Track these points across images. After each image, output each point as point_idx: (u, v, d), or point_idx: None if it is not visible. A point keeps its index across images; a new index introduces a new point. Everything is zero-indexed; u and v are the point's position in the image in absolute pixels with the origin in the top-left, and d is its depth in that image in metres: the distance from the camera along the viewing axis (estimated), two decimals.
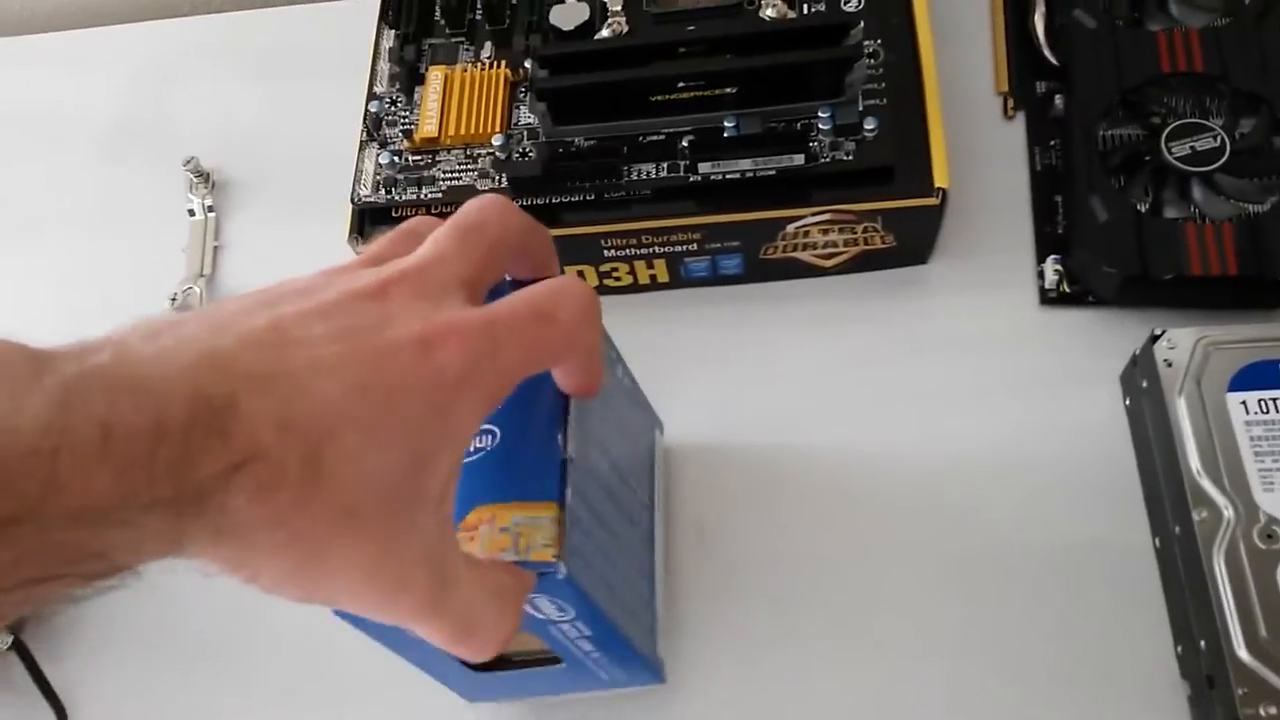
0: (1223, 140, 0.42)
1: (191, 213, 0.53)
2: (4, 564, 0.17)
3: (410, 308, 0.23)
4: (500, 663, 0.36)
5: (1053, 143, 0.47)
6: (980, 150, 0.47)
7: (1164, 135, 0.43)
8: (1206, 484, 0.35)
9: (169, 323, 0.21)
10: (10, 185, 0.57)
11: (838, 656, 0.39)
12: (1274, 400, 0.36)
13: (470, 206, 0.26)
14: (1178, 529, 0.36)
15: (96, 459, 0.18)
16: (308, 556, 0.21)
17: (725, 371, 0.45)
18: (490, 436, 0.30)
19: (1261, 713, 0.32)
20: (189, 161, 0.53)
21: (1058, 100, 0.47)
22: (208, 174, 0.53)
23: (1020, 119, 0.48)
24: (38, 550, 0.18)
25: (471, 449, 0.30)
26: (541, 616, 0.31)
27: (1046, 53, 0.48)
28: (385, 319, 0.22)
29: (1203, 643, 0.34)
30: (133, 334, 0.21)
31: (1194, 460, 0.36)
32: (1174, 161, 0.42)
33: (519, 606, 0.27)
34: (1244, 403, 0.37)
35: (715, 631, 0.40)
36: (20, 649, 0.42)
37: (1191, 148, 0.42)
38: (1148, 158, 0.43)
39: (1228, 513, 0.35)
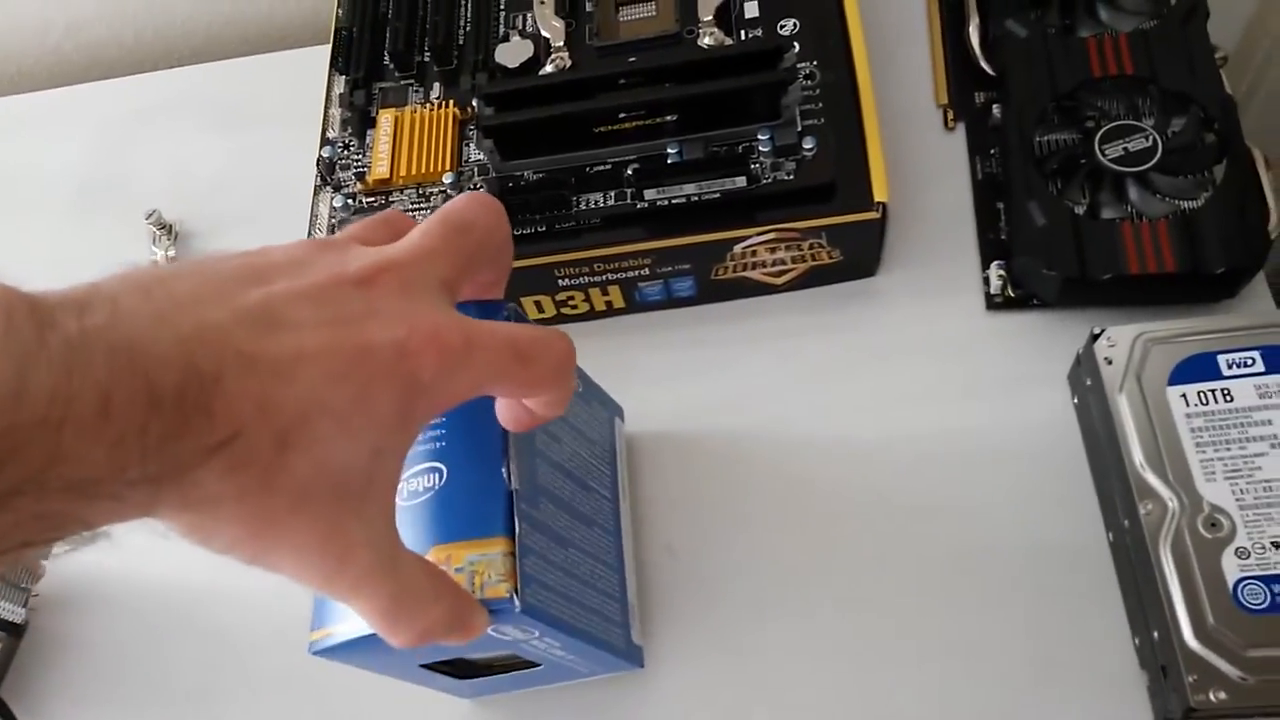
0: (1155, 140, 0.43)
1: (156, 265, 0.53)
2: (4, 528, 0.19)
3: (393, 304, 0.24)
4: (481, 670, 0.37)
5: (993, 151, 0.48)
6: (923, 162, 0.49)
7: (1098, 138, 0.44)
8: (1150, 477, 0.36)
9: (159, 277, 0.22)
10: None
11: (803, 648, 0.40)
12: (1213, 392, 0.37)
13: (460, 205, 0.27)
14: (1126, 523, 0.37)
15: (95, 430, 0.19)
16: (261, 528, 0.22)
17: (685, 389, 0.46)
18: (437, 475, 0.31)
19: (1212, 698, 0.32)
20: (151, 214, 0.54)
21: (995, 109, 0.48)
22: (170, 226, 0.54)
23: (961, 129, 0.49)
24: (34, 517, 0.19)
25: (420, 488, 0.31)
26: (509, 639, 0.32)
27: (983, 63, 0.49)
28: (369, 312, 0.23)
29: (1155, 633, 0.35)
30: (125, 288, 0.21)
31: (1137, 455, 0.37)
32: (1108, 163, 0.43)
33: (455, 615, 0.27)
34: (1184, 396, 0.37)
35: (692, 620, 0.41)
36: None
37: (1125, 149, 0.43)
38: (1083, 161, 0.44)
39: (1172, 504, 0.36)
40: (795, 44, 0.45)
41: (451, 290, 0.26)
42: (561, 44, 0.47)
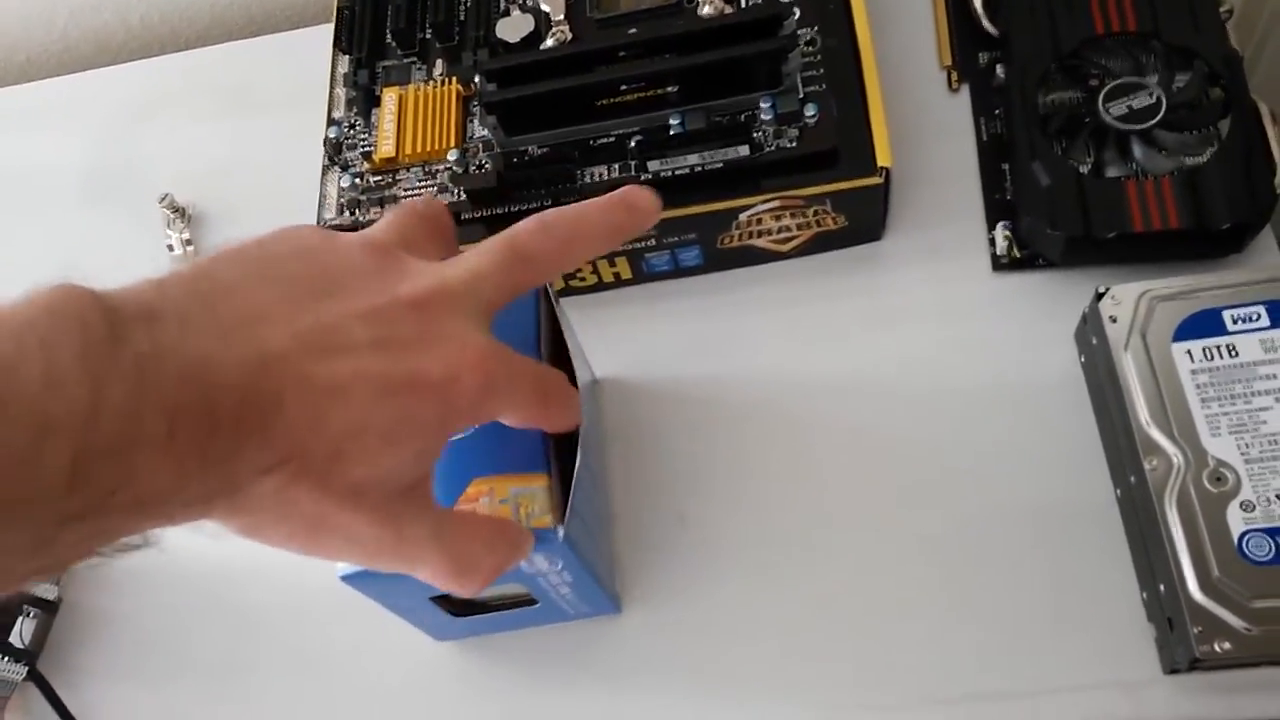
0: (1158, 97, 0.43)
1: (170, 248, 0.54)
2: (68, 544, 0.20)
3: (445, 327, 0.25)
4: (478, 607, 0.39)
5: (997, 112, 0.48)
6: (928, 124, 0.49)
7: (1101, 96, 0.44)
8: (1156, 434, 0.37)
9: (224, 286, 0.23)
10: None
11: (808, 601, 0.41)
12: (1217, 348, 0.37)
13: (528, 232, 0.27)
14: (1133, 479, 0.37)
15: (162, 453, 0.20)
16: (314, 529, 0.24)
17: (693, 357, 0.46)
18: None
19: (1217, 649, 0.33)
20: (164, 198, 0.54)
21: (999, 70, 0.48)
22: (183, 209, 0.55)
23: (965, 91, 0.49)
24: (98, 533, 0.20)
25: None
26: (533, 570, 0.34)
27: (985, 24, 0.49)
28: (420, 336, 0.24)
29: (1162, 587, 0.36)
30: (191, 298, 0.22)
31: (1143, 412, 0.37)
32: (1112, 121, 0.43)
33: (507, 551, 0.29)
34: (1189, 352, 0.38)
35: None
36: (38, 679, 0.44)
37: (1128, 106, 0.43)
38: (1086, 120, 0.44)
39: (1177, 460, 0.36)
40: (795, 10, 0.45)
41: (493, 310, 0.27)
42: (561, 17, 0.47)
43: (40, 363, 0.19)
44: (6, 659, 0.43)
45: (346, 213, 0.46)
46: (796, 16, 0.44)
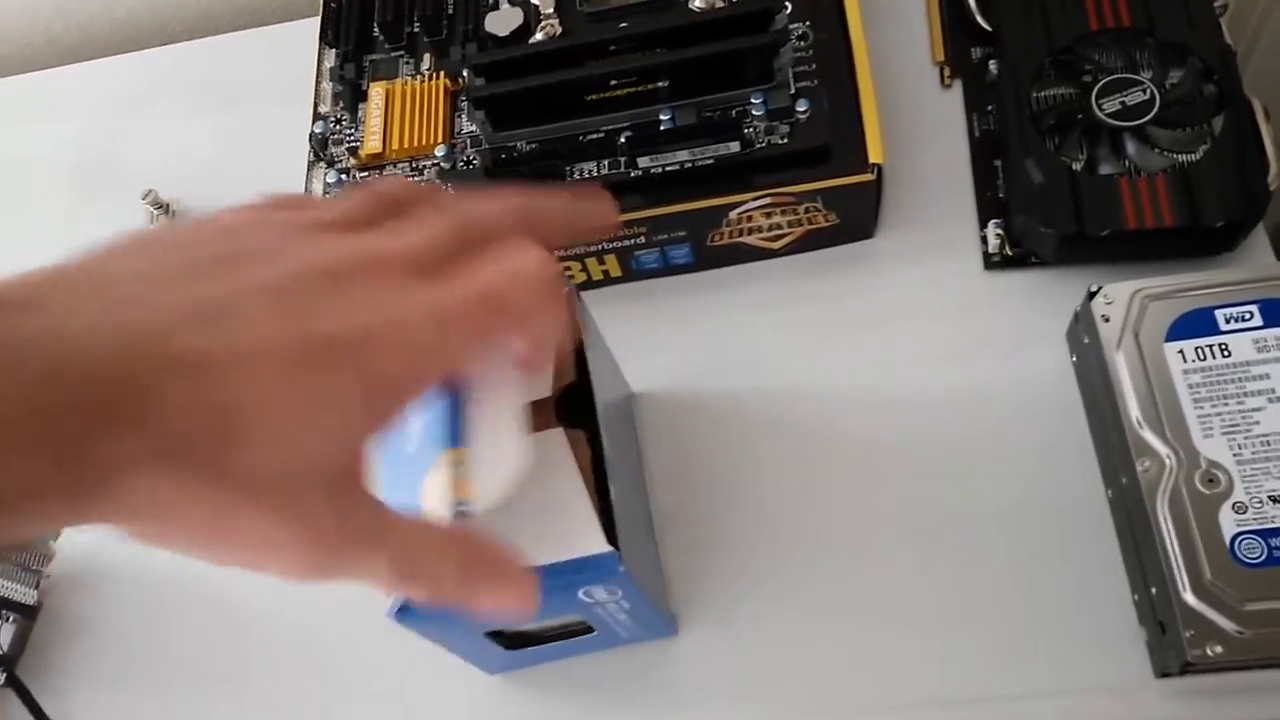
0: (1152, 93, 0.43)
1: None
2: None
3: (366, 296, 0.22)
4: (531, 639, 0.38)
5: (990, 108, 0.47)
6: (920, 120, 0.48)
7: (1094, 92, 0.43)
8: (1148, 434, 0.36)
9: (116, 274, 0.21)
10: None
11: (811, 615, 0.40)
12: (1210, 347, 0.37)
13: (482, 199, 0.26)
14: (1125, 480, 0.37)
15: (15, 446, 0.18)
16: (215, 526, 0.21)
17: (684, 356, 0.46)
18: None
19: (1209, 652, 0.33)
20: (148, 194, 0.54)
21: (992, 65, 0.47)
22: (167, 205, 0.54)
23: (958, 87, 0.49)
24: None
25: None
26: (593, 601, 0.33)
27: (979, 19, 0.49)
28: (335, 307, 0.22)
29: (1154, 589, 0.35)
30: (80, 282, 0.21)
31: (1135, 412, 0.37)
32: (1105, 118, 0.43)
33: (464, 559, 0.26)
34: (1181, 352, 0.37)
35: (711, 590, 0.41)
36: (16, 685, 0.43)
37: (1122, 103, 0.43)
38: (1080, 116, 0.43)
39: (1169, 461, 0.36)
40: (787, 4, 0.44)
41: (439, 272, 0.24)
42: (551, 10, 0.46)
43: None
44: None
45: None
46: (788, 11, 0.44)
